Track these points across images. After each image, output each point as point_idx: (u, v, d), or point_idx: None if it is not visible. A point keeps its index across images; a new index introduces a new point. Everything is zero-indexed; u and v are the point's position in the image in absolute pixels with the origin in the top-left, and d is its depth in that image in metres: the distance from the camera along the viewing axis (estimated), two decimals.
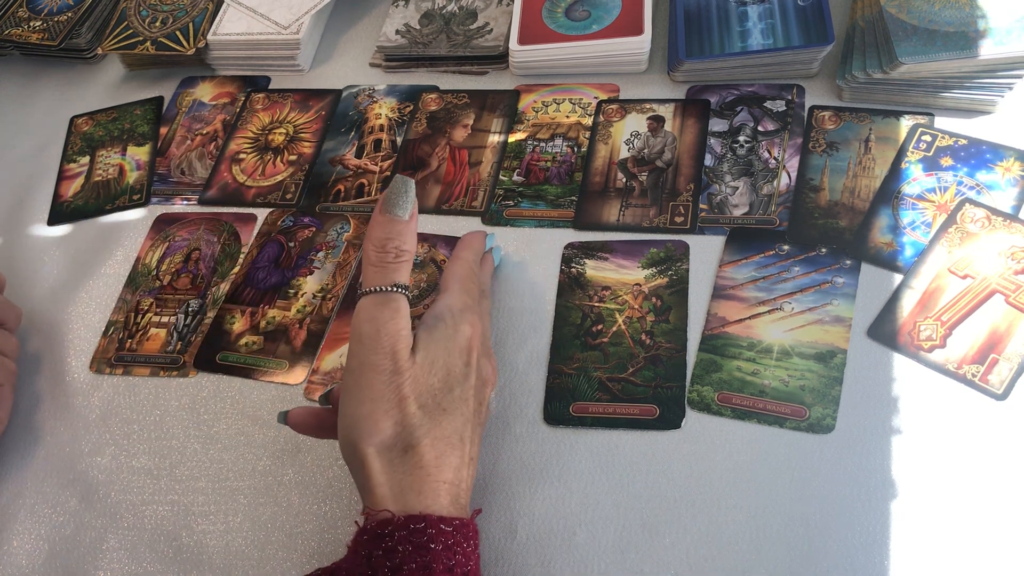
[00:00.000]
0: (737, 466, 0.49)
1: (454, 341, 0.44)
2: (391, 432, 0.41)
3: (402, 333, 0.42)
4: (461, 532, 0.39)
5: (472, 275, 0.50)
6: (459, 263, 0.50)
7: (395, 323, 0.42)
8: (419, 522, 0.38)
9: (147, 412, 0.58)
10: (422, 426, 0.41)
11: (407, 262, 0.43)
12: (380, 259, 0.43)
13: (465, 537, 0.40)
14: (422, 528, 0.38)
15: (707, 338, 0.54)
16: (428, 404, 0.42)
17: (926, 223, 0.56)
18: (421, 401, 0.42)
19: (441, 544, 0.38)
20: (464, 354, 0.44)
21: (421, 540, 0.38)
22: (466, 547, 0.39)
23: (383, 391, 0.41)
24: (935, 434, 0.48)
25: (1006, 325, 0.51)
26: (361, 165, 0.68)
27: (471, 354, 0.45)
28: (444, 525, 0.39)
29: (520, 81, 0.71)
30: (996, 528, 0.45)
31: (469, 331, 0.45)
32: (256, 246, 0.65)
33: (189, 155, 0.73)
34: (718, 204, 0.60)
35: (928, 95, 0.61)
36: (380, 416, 0.41)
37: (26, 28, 0.81)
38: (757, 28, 0.65)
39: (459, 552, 0.39)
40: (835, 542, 0.45)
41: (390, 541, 0.38)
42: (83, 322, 0.63)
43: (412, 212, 0.44)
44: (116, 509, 0.54)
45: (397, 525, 0.38)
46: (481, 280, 0.52)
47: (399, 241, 0.43)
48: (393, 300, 0.42)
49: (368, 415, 0.41)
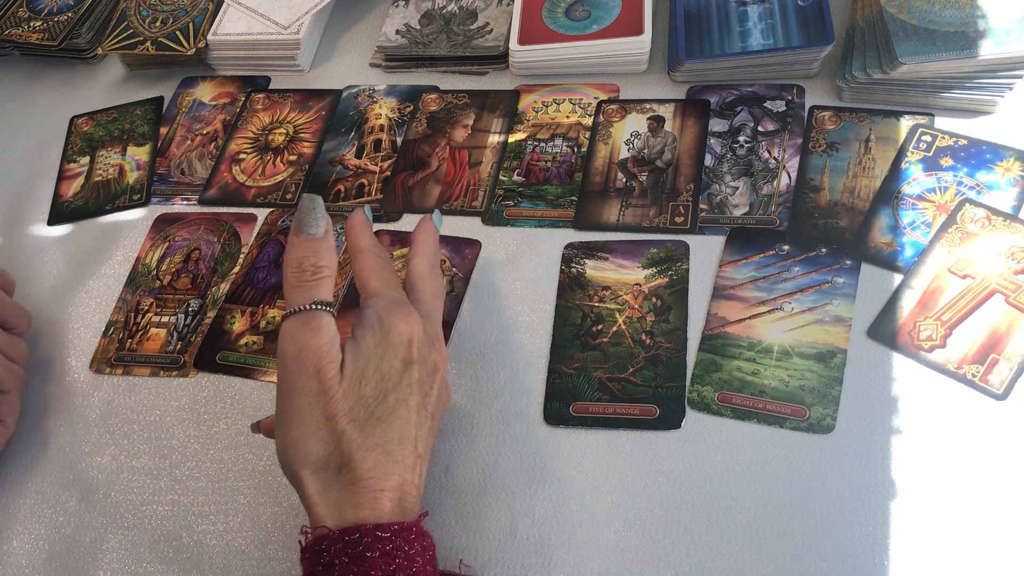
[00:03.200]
0: (737, 466, 0.49)
1: (386, 345, 0.43)
2: (322, 453, 0.41)
3: (325, 350, 0.42)
4: (401, 536, 0.39)
5: (381, 263, 0.47)
6: (362, 255, 0.47)
7: (317, 341, 0.41)
8: (353, 533, 0.39)
9: (147, 412, 0.58)
10: (353, 441, 0.41)
11: (327, 278, 0.44)
12: (298, 279, 0.43)
13: (406, 540, 0.39)
14: (356, 539, 0.38)
15: (707, 338, 0.54)
16: (360, 417, 0.41)
17: (926, 223, 0.56)
18: (352, 416, 0.41)
19: (378, 551, 0.38)
20: (400, 351, 0.43)
21: (356, 550, 0.38)
22: (408, 550, 0.39)
23: (311, 413, 0.41)
24: (935, 434, 0.48)
25: (1006, 325, 0.51)
26: (361, 165, 0.68)
27: (410, 349, 0.43)
28: (380, 532, 0.39)
29: (520, 81, 0.71)
30: (996, 528, 0.45)
31: (404, 327, 0.43)
32: (256, 246, 0.65)
33: (189, 155, 0.73)
34: (718, 204, 0.60)
35: (928, 95, 0.61)
36: (310, 439, 0.41)
37: (26, 28, 0.81)
38: (757, 28, 0.65)
39: (400, 556, 0.39)
40: (835, 542, 0.45)
41: (327, 555, 0.38)
42: (83, 322, 0.63)
43: (326, 228, 0.44)
44: (116, 509, 0.54)
45: (332, 539, 0.39)
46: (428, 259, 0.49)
47: (315, 258, 0.43)
48: (314, 318, 0.42)
49: (298, 439, 0.41)
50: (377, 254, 0.48)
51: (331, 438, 0.41)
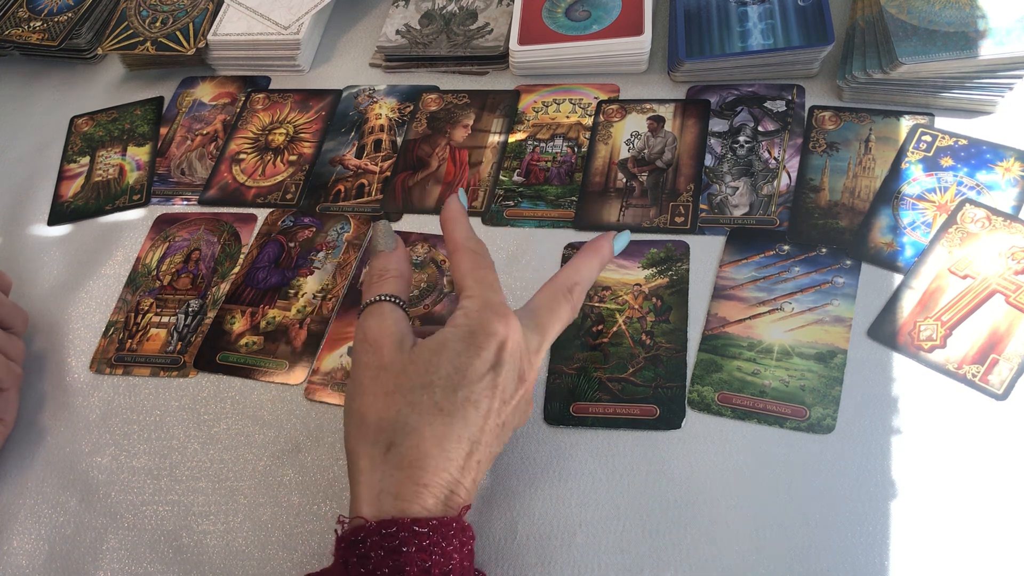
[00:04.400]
0: (737, 466, 0.49)
1: (470, 342, 0.42)
2: (374, 426, 0.41)
3: (387, 330, 0.44)
4: (439, 532, 0.39)
5: (479, 262, 0.46)
6: (458, 254, 0.47)
7: (377, 320, 0.44)
8: (391, 526, 0.38)
9: (147, 412, 0.58)
10: (407, 423, 0.41)
11: (393, 278, 0.47)
12: (368, 283, 0.47)
13: (444, 536, 0.39)
14: (394, 532, 0.38)
15: (707, 338, 0.54)
16: (420, 402, 0.41)
17: (926, 223, 0.56)
18: (411, 398, 0.41)
19: (415, 546, 0.38)
20: (486, 353, 0.42)
21: (393, 544, 0.38)
22: (446, 546, 0.39)
23: (370, 385, 0.42)
24: (935, 434, 0.48)
25: (1006, 325, 0.51)
26: (361, 165, 0.68)
27: (500, 352, 0.42)
28: (418, 527, 0.38)
29: (520, 81, 0.71)
30: (996, 528, 0.45)
31: (498, 327, 0.43)
32: (256, 246, 0.65)
33: (189, 155, 0.73)
34: (718, 204, 0.60)
35: (928, 95, 0.61)
36: (366, 409, 0.42)
37: (26, 28, 0.81)
38: (757, 28, 0.65)
39: (436, 552, 0.38)
40: (835, 542, 0.45)
41: (363, 547, 0.38)
42: (83, 322, 0.63)
43: (396, 244, 0.49)
44: (116, 509, 0.54)
45: (369, 531, 0.38)
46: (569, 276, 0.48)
47: (383, 264, 0.48)
48: (377, 306, 0.45)
49: (357, 409, 0.42)
50: (474, 250, 0.47)
51: (385, 413, 0.41)
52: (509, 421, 0.44)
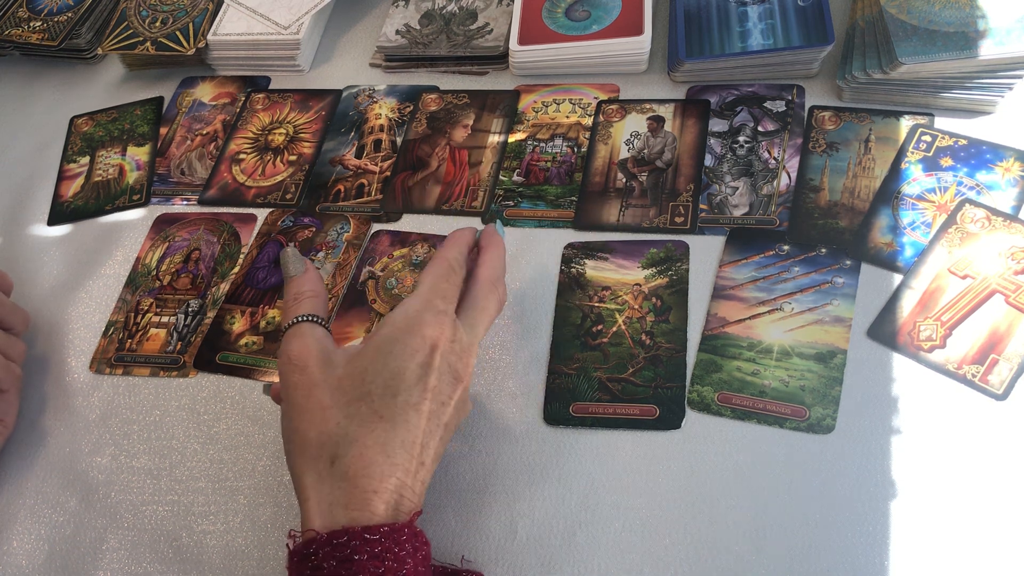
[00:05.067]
0: (737, 466, 0.49)
1: (403, 345, 0.43)
2: (315, 442, 0.41)
3: (309, 348, 0.44)
4: (391, 538, 0.39)
5: (447, 274, 0.47)
6: (436, 263, 0.48)
7: (299, 341, 0.45)
8: (341, 536, 0.38)
9: (147, 412, 0.58)
10: (348, 434, 0.41)
11: (309, 299, 0.48)
12: (285, 308, 0.48)
13: (396, 542, 0.39)
14: (345, 541, 0.38)
15: (707, 338, 0.54)
16: (359, 412, 0.41)
17: (926, 223, 0.56)
18: (349, 410, 0.42)
19: (367, 554, 0.38)
20: (419, 355, 0.43)
21: (344, 553, 0.38)
22: (399, 551, 0.39)
23: (303, 404, 0.43)
24: (935, 434, 0.48)
25: (1006, 325, 0.51)
26: (361, 165, 0.68)
27: (432, 354, 0.43)
28: (369, 534, 0.38)
29: (520, 81, 0.71)
30: (996, 528, 0.45)
31: (429, 332, 0.43)
32: (256, 246, 0.65)
33: (189, 155, 0.73)
34: (718, 204, 0.60)
35: (928, 95, 0.61)
36: (305, 427, 0.42)
37: (26, 28, 0.81)
38: (757, 28, 0.65)
39: (389, 558, 0.38)
40: (835, 542, 0.45)
41: (315, 559, 0.38)
42: (83, 322, 0.63)
43: (306, 267, 0.50)
44: (116, 509, 0.54)
45: (320, 543, 0.38)
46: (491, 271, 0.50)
47: (297, 288, 0.49)
48: (296, 328, 0.46)
49: (296, 428, 0.43)
50: (450, 266, 0.48)
51: (324, 427, 0.42)
52: (450, 422, 0.45)
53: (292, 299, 0.48)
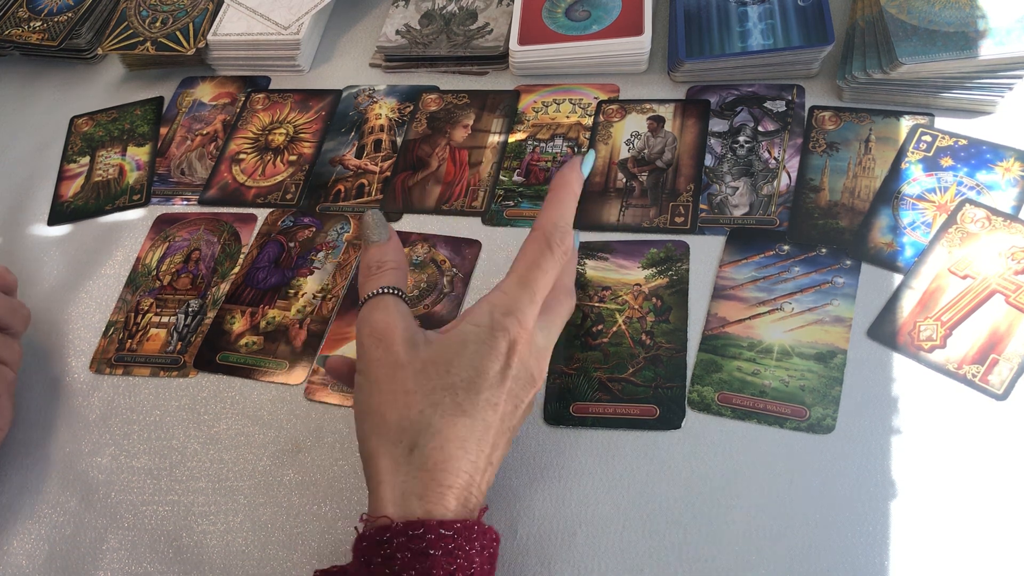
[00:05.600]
0: (737, 466, 0.49)
1: (489, 344, 0.42)
2: (395, 426, 0.41)
3: (393, 325, 0.43)
4: (463, 535, 0.39)
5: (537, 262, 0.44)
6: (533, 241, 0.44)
7: (383, 314, 0.43)
8: (417, 528, 0.38)
9: (147, 412, 0.58)
10: (431, 426, 0.40)
11: (391, 270, 0.46)
12: (365, 276, 0.46)
13: (468, 540, 0.39)
14: (420, 534, 0.38)
15: (707, 338, 0.54)
16: (443, 403, 0.41)
17: (926, 223, 0.56)
18: (432, 399, 0.41)
19: (441, 549, 0.38)
20: (501, 357, 0.42)
21: (420, 547, 0.37)
22: (469, 549, 0.39)
23: (387, 384, 0.42)
24: (935, 434, 0.48)
25: (1006, 325, 0.51)
26: (361, 165, 0.68)
27: (511, 357, 0.42)
28: (444, 530, 0.38)
29: (520, 81, 0.71)
30: (996, 528, 0.45)
31: (512, 333, 0.42)
32: (256, 246, 0.65)
33: (189, 155, 0.73)
34: (718, 204, 0.60)
35: (928, 95, 0.61)
36: (386, 407, 0.41)
37: (26, 28, 0.81)
38: (757, 28, 0.65)
39: (460, 556, 0.38)
40: (835, 542, 0.45)
41: (388, 548, 0.38)
42: (83, 322, 0.63)
43: (389, 235, 0.48)
44: (116, 509, 0.54)
45: (395, 532, 0.38)
46: (570, 278, 0.48)
47: (379, 256, 0.47)
48: (380, 299, 0.44)
49: (376, 407, 0.42)
50: (548, 243, 0.44)
51: (407, 412, 0.41)
52: (518, 424, 0.44)
53: (375, 267, 0.46)
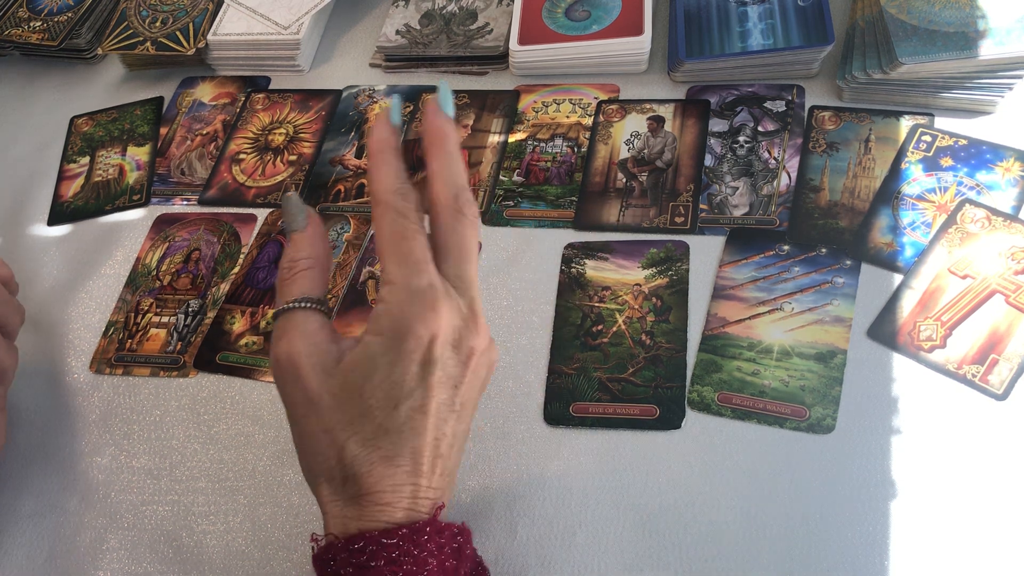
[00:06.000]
0: (737, 466, 0.49)
1: (398, 352, 0.38)
2: (324, 465, 0.39)
3: (295, 354, 0.38)
4: (411, 539, 0.37)
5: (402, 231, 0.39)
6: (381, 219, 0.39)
7: (287, 341, 0.39)
8: (358, 542, 0.37)
9: (147, 412, 0.58)
10: (356, 457, 0.38)
11: (303, 272, 0.41)
12: (280, 278, 0.41)
13: (416, 544, 0.37)
14: (361, 547, 0.37)
15: (707, 338, 0.54)
16: (363, 430, 0.38)
17: (926, 223, 0.56)
18: (353, 430, 0.38)
19: (383, 559, 0.37)
20: (418, 355, 0.38)
21: (361, 560, 0.37)
22: (419, 553, 0.37)
23: (307, 425, 0.39)
24: (935, 434, 0.48)
25: (1006, 325, 0.51)
26: (361, 165, 0.68)
27: (431, 349, 0.38)
28: (386, 539, 0.37)
29: (520, 81, 0.71)
30: (996, 528, 0.45)
31: (423, 330, 0.37)
32: (256, 246, 0.65)
33: (189, 155, 0.73)
34: (718, 204, 0.60)
35: (928, 95, 0.61)
36: (311, 450, 0.39)
37: (26, 28, 0.81)
38: (757, 28, 0.65)
39: (407, 561, 0.37)
40: (835, 542, 0.45)
41: (333, 564, 0.37)
42: (83, 322, 0.63)
43: (308, 220, 0.42)
44: (116, 509, 0.54)
45: (338, 549, 0.37)
46: (447, 185, 0.41)
47: (293, 254, 0.41)
48: (285, 322, 0.39)
49: (303, 448, 0.40)
50: (398, 209, 0.39)
51: (331, 451, 0.38)
52: (468, 398, 0.40)
53: (287, 270, 0.41)
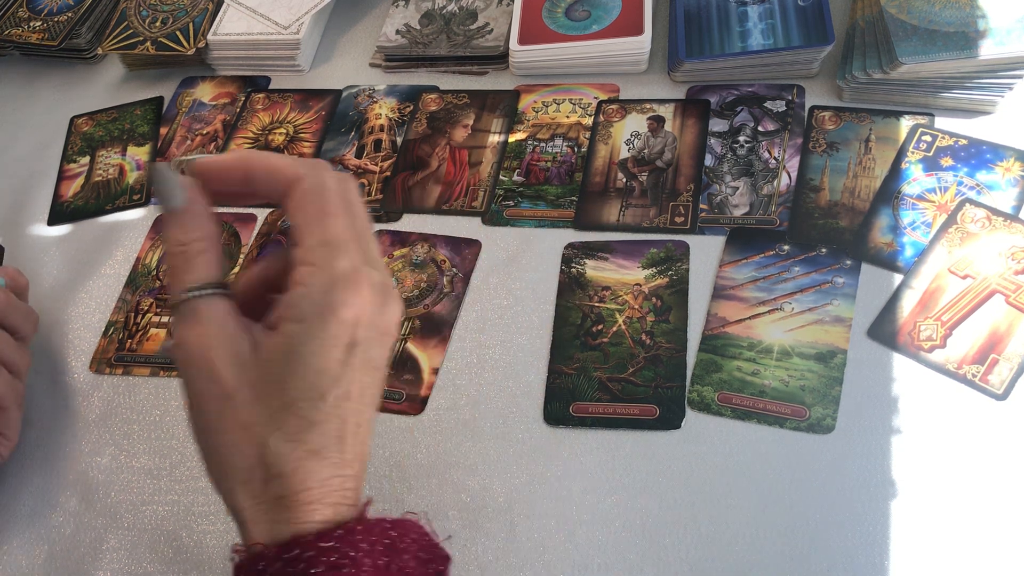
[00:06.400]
0: (737, 466, 0.49)
1: (323, 339, 0.35)
2: (242, 466, 0.35)
3: (207, 345, 0.35)
4: (345, 540, 0.35)
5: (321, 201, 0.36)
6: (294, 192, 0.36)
7: (196, 332, 0.35)
8: (293, 549, 0.34)
9: (147, 412, 0.58)
10: (280, 454, 0.35)
11: (197, 255, 0.36)
12: (171, 266, 0.37)
13: (351, 545, 0.35)
14: (297, 555, 0.34)
15: (707, 338, 0.54)
16: (287, 425, 0.35)
17: (926, 223, 0.56)
18: (275, 424, 0.35)
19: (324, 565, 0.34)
20: (342, 340, 0.35)
21: (298, 568, 0.34)
22: (355, 554, 0.35)
23: (218, 422, 0.35)
24: (935, 434, 0.48)
25: (1006, 325, 0.51)
26: (361, 165, 0.68)
27: (355, 331, 0.35)
28: (323, 542, 0.34)
29: (520, 81, 0.71)
30: (996, 528, 0.45)
31: (348, 313, 0.35)
32: (256, 246, 0.65)
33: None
34: (718, 204, 0.60)
35: (928, 95, 0.61)
36: (226, 450, 0.35)
37: (26, 28, 0.81)
38: (757, 28, 0.65)
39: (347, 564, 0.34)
40: (835, 542, 0.45)
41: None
42: (83, 322, 0.63)
43: (186, 197, 0.37)
44: (116, 509, 0.54)
45: (270, 559, 0.34)
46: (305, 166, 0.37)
47: (180, 236, 0.36)
48: (189, 311, 0.36)
49: (215, 448, 0.36)
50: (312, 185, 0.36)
51: (250, 450, 0.35)
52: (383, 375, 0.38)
53: (176, 253, 0.36)
